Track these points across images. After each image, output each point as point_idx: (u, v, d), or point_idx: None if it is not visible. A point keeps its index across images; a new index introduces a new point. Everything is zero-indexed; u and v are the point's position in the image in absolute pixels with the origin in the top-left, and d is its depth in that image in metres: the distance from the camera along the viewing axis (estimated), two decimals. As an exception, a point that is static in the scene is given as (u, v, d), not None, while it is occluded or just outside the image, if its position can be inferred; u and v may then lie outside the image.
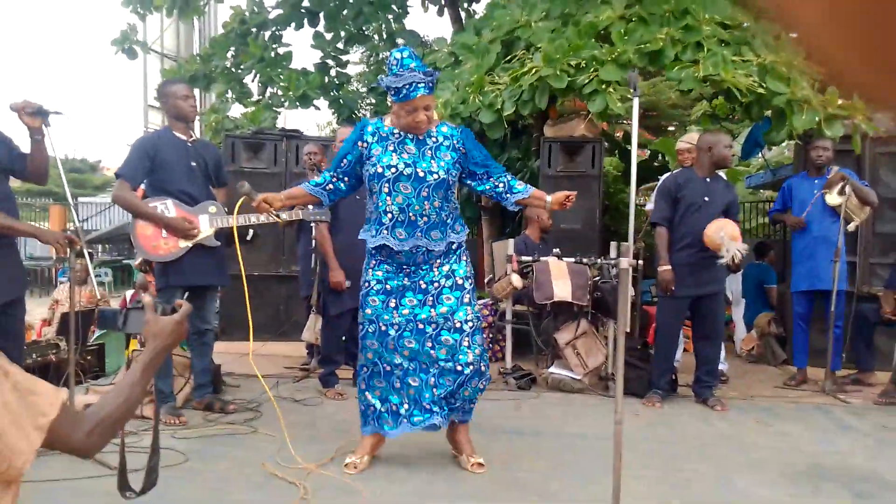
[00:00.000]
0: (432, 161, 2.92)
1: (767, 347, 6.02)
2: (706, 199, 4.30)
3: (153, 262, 4.00)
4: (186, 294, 3.99)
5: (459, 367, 2.99)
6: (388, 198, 2.92)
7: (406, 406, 3.10)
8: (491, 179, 3.05)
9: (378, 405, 3.13)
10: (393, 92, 2.83)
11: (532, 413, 4.20)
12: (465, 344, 2.99)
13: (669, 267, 4.34)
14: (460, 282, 3.03)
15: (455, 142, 2.97)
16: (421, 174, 2.90)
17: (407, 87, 2.78)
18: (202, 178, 3.91)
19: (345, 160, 3.02)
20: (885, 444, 3.68)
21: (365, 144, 2.98)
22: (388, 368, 3.08)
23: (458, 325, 2.98)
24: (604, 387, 4.74)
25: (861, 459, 3.43)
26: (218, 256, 3.95)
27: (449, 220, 3.01)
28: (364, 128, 3.03)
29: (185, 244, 3.77)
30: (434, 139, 2.95)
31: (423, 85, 2.79)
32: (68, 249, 3.38)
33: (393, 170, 2.90)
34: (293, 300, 6.11)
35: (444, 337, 2.99)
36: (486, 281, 6.88)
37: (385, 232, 2.95)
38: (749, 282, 6.84)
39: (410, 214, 2.90)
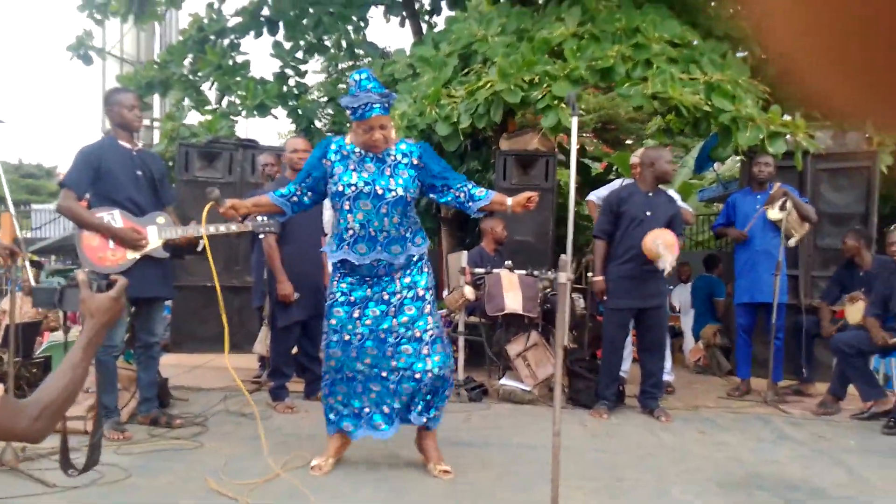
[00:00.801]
0: (391, 179, 3.02)
1: (713, 358, 6.17)
2: (648, 213, 4.41)
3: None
4: (133, 307, 3.96)
5: (418, 375, 3.12)
6: (349, 215, 3.03)
7: (367, 409, 3.24)
8: (451, 191, 3.12)
9: (341, 409, 3.24)
10: (351, 111, 2.97)
11: (482, 424, 4.24)
12: (425, 352, 3.11)
13: (602, 278, 4.50)
14: (421, 293, 3.14)
15: (414, 158, 3.07)
16: (380, 192, 3.00)
17: (363, 106, 2.92)
18: (148, 187, 3.87)
19: (310, 176, 3.13)
20: (820, 454, 3.80)
21: (329, 162, 3.09)
22: (351, 375, 3.19)
23: (417, 334, 3.11)
24: (553, 398, 4.79)
25: (796, 468, 3.53)
26: (165, 268, 3.91)
27: (408, 234, 3.12)
28: (328, 145, 3.13)
29: (132, 255, 3.73)
30: (393, 157, 3.06)
31: (378, 105, 2.92)
32: (10, 261, 3.32)
33: (353, 188, 3.01)
34: (245, 311, 6.07)
35: (404, 346, 3.12)
36: (444, 292, 6.92)
37: (346, 248, 3.06)
38: (699, 293, 7.00)
39: (371, 230, 3.01)
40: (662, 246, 4.14)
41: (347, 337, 3.12)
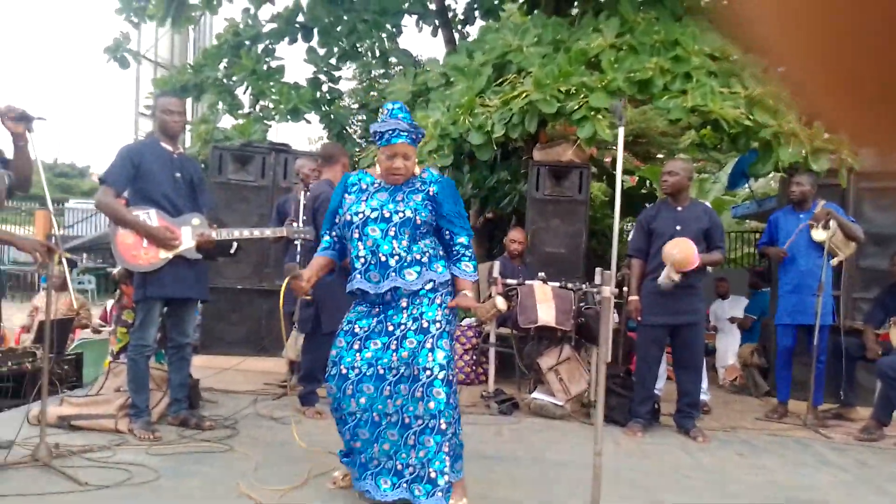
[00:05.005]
0: (400, 203, 2.88)
1: (750, 378, 6.01)
2: (678, 227, 4.36)
3: (134, 274, 3.94)
4: (166, 307, 3.96)
5: (407, 420, 2.78)
6: (359, 243, 2.87)
7: (363, 460, 2.95)
8: (449, 241, 2.94)
9: (349, 449, 3.04)
10: (378, 137, 2.88)
11: (512, 438, 4.16)
12: (418, 395, 2.76)
13: (637, 297, 4.44)
14: (426, 325, 2.82)
15: (430, 188, 2.90)
16: (387, 215, 2.86)
17: (390, 132, 2.84)
18: (186, 189, 3.88)
19: (338, 217, 3.01)
20: (864, 481, 3.67)
21: (348, 195, 2.98)
22: (344, 417, 2.94)
23: (415, 372, 2.77)
24: (586, 413, 4.71)
25: (839, 496, 3.41)
26: (199, 269, 3.90)
27: (425, 260, 2.88)
28: (347, 179, 3.03)
29: (165, 255, 3.72)
30: (410, 185, 2.93)
31: (405, 133, 2.84)
32: (47, 258, 3.32)
33: (360, 215, 2.88)
34: (275, 315, 6.04)
35: (402, 386, 2.81)
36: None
37: (359, 276, 2.88)
38: (754, 311, 6.84)
39: (381, 255, 2.83)
40: (677, 256, 4.10)
41: (344, 370, 2.87)
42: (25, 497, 2.75)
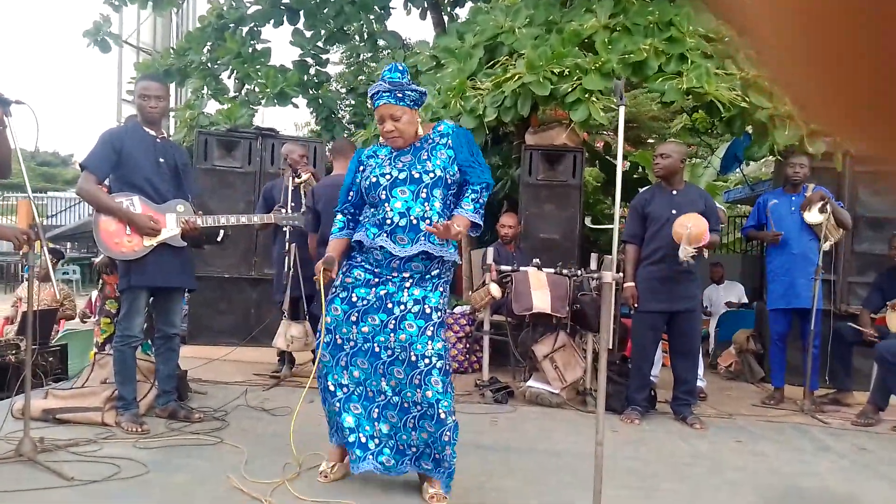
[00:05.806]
0: (427, 162, 2.80)
1: (745, 364, 5.99)
2: (674, 211, 4.28)
3: (117, 262, 3.84)
4: (151, 297, 3.85)
5: (406, 405, 2.78)
6: (386, 204, 2.78)
7: (362, 439, 2.90)
8: (464, 186, 2.87)
9: (333, 417, 2.98)
10: (371, 102, 2.85)
11: (508, 427, 4.10)
12: (416, 382, 2.74)
13: (633, 284, 4.36)
14: (428, 311, 2.78)
15: (449, 140, 2.85)
16: (416, 175, 2.78)
17: (374, 95, 2.80)
18: (171, 175, 3.77)
19: (351, 192, 2.94)
20: (862, 466, 3.65)
21: (363, 167, 2.91)
22: (333, 388, 2.88)
23: (413, 358, 2.73)
24: (581, 401, 4.66)
25: (838, 481, 3.38)
26: (184, 257, 3.79)
27: None
28: (360, 153, 2.98)
29: (149, 242, 3.61)
30: (430, 141, 2.86)
31: (388, 94, 2.75)
32: (26, 246, 3.21)
33: (388, 177, 2.80)
34: (264, 304, 5.95)
35: (396, 369, 2.77)
36: (463, 290, 6.79)
37: (385, 235, 2.77)
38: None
39: (412, 218, 2.74)
40: (691, 232, 4.01)
41: (339, 340, 2.82)
42: (9, 493, 2.67)
